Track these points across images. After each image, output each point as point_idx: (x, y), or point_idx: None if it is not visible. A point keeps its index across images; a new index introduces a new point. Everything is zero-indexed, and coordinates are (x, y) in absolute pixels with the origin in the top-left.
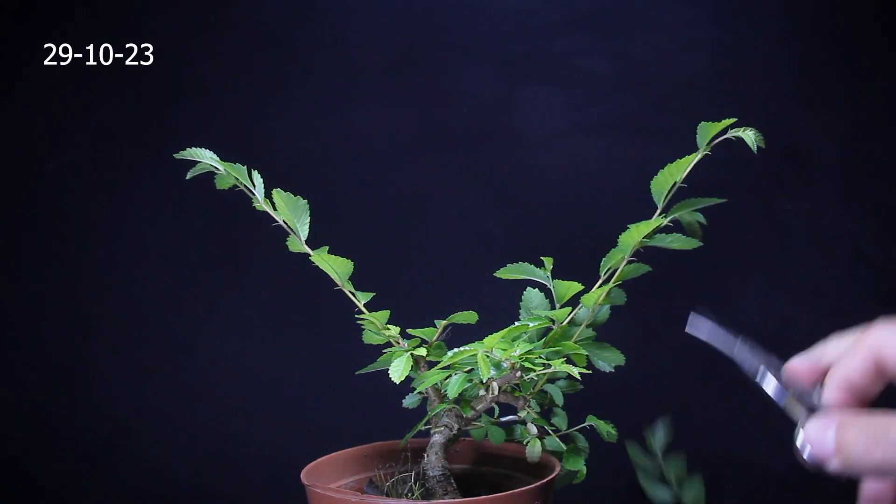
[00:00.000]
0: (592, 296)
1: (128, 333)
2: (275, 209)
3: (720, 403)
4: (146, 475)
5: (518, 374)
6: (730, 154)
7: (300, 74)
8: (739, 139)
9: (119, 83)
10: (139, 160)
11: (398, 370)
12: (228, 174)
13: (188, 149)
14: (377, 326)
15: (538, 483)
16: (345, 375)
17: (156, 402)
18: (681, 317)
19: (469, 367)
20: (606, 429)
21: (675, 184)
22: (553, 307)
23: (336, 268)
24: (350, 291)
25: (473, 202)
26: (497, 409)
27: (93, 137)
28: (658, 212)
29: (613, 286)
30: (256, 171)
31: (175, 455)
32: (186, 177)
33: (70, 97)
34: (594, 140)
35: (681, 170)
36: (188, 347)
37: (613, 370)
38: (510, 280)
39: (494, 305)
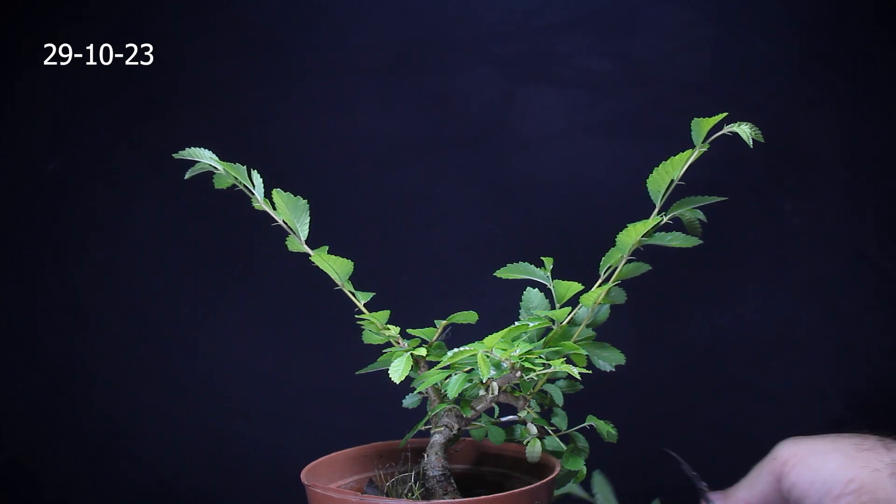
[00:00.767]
0: (592, 295)
1: (128, 333)
2: (274, 209)
3: (720, 404)
4: (146, 475)
5: (518, 374)
6: (729, 153)
7: (300, 74)
8: (736, 135)
9: (119, 83)
10: (139, 160)
11: (398, 370)
12: (227, 174)
13: (187, 149)
14: (377, 326)
15: (538, 483)
16: (345, 375)
17: (156, 402)
18: (681, 317)
19: (469, 367)
20: (606, 429)
21: (673, 182)
22: (553, 307)
23: (336, 268)
24: (350, 291)
25: (473, 202)
26: (497, 409)
27: (93, 137)
28: (656, 210)
29: (613, 285)
30: (256, 171)
31: (175, 455)
32: (185, 176)
33: (70, 97)
34: (594, 140)
35: (677, 167)
36: (188, 347)
37: (613, 370)
38: (510, 280)
39: (494, 305)
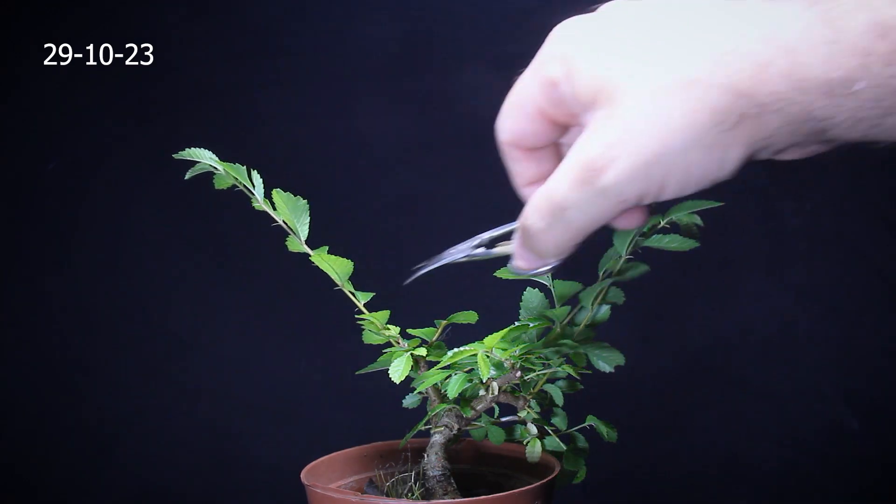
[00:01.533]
0: (590, 294)
1: (128, 333)
2: (274, 209)
3: (720, 404)
4: (146, 475)
5: (518, 374)
6: None
7: (300, 75)
8: None
9: (119, 83)
10: (139, 160)
11: (398, 370)
12: (227, 174)
13: (187, 149)
14: (377, 326)
15: (538, 483)
16: (345, 375)
17: (156, 402)
18: (681, 317)
19: (469, 367)
20: (606, 429)
21: None
22: (553, 307)
23: (336, 268)
24: (350, 291)
25: (473, 202)
26: (497, 409)
27: (93, 137)
28: (652, 211)
29: (611, 286)
30: (256, 172)
31: (175, 455)
32: (185, 177)
33: (70, 97)
34: None
35: None
36: (188, 347)
37: (613, 370)
38: (510, 280)
39: (494, 305)
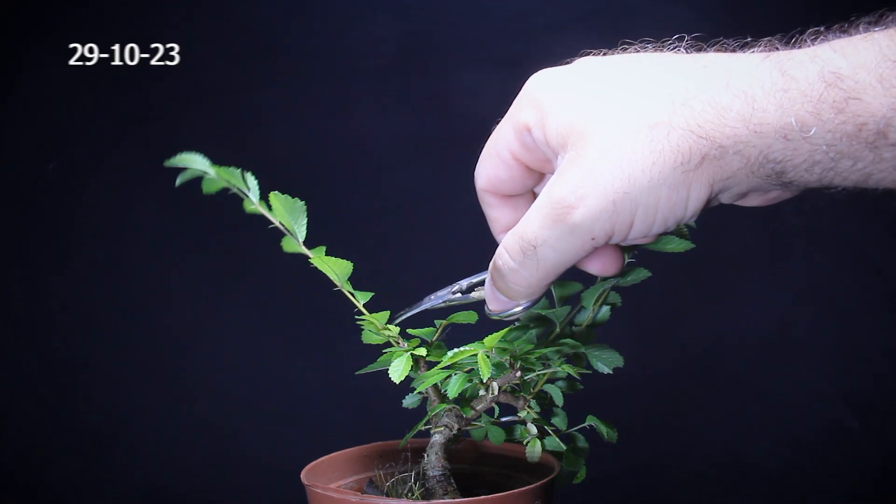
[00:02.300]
0: (592, 294)
1: (128, 333)
2: (271, 211)
3: (720, 404)
4: (146, 475)
5: (518, 374)
6: None
7: (301, 75)
8: None
9: (119, 83)
10: (139, 160)
11: (398, 370)
12: (219, 178)
13: (178, 156)
14: (377, 326)
15: (538, 483)
16: (345, 375)
17: (155, 402)
18: (681, 317)
19: (469, 367)
20: (606, 429)
21: None
22: (553, 307)
23: (335, 268)
24: (349, 292)
25: (473, 202)
26: (497, 409)
27: (93, 137)
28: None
29: (609, 287)
30: (251, 174)
31: (175, 455)
32: (176, 184)
33: (70, 98)
34: None
35: None
36: (188, 347)
37: (612, 372)
38: None
39: None
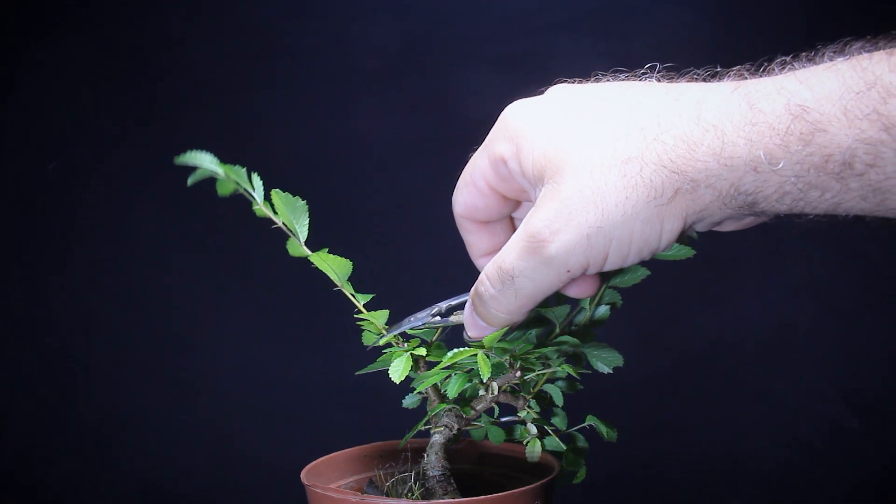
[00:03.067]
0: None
1: (128, 333)
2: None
3: (720, 404)
4: (146, 475)
5: (518, 374)
6: None
7: (300, 75)
8: None
9: (120, 83)
10: (139, 160)
11: (398, 370)
12: (228, 178)
13: (188, 153)
14: (377, 327)
15: (538, 483)
16: (345, 375)
17: (155, 402)
18: (681, 317)
19: (469, 367)
20: (606, 429)
21: None
22: (552, 307)
23: (335, 268)
24: (349, 292)
25: None
26: (497, 409)
27: (93, 137)
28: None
29: (608, 287)
30: (256, 174)
31: (175, 455)
32: (188, 183)
33: (70, 97)
34: None
35: None
36: (188, 347)
37: (612, 372)
38: None
39: None
